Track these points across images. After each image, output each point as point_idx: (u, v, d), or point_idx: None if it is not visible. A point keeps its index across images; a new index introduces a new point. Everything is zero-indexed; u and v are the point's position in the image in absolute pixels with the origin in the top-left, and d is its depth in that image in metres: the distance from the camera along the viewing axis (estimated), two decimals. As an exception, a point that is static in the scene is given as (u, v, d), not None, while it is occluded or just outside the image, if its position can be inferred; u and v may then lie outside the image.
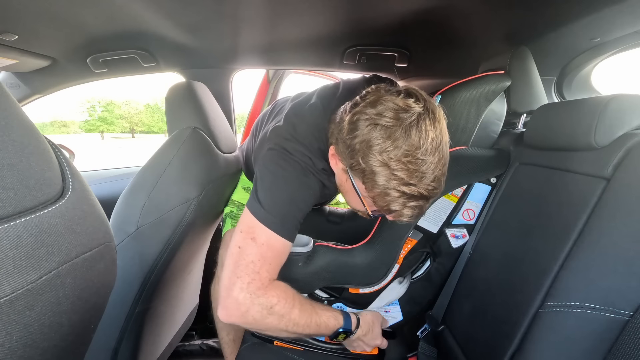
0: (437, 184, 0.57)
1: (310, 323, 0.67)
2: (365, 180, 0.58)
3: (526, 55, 0.82)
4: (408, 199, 0.57)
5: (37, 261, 0.29)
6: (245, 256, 0.63)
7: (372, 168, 0.56)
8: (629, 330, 0.42)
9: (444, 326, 0.78)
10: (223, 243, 0.95)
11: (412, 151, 0.54)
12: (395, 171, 0.55)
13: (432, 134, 0.55)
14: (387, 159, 0.55)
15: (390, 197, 0.57)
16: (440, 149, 0.57)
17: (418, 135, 0.54)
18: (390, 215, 0.61)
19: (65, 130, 62.58)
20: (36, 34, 0.86)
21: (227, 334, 0.93)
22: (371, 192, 0.59)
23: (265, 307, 0.63)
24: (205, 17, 0.83)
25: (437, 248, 0.82)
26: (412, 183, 0.55)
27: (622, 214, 0.47)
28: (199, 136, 0.84)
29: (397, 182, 0.55)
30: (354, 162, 0.59)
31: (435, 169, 0.56)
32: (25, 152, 0.29)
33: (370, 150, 0.56)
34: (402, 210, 0.58)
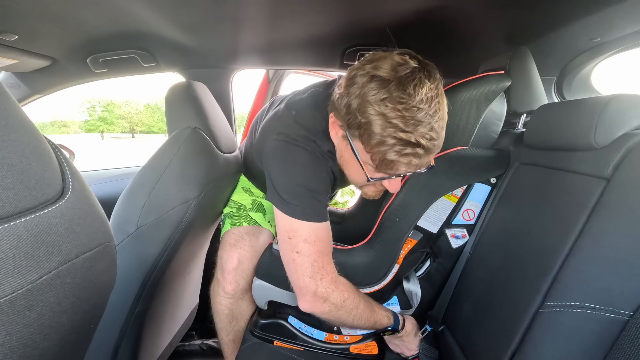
0: (435, 134, 0.57)
1: (370, 319, 0.73)
2: (361, 134, 0.59)
3: (526, 55, 0.82)
4: (404, 146, 0.56)
5: (37, 261, 0.29)
6: (307, 258, 0.67)
7: (368, 119, 0.57)
8: (629, 330, 0.42)
9: (444, 326, 0.78)
10: (222, 243, 0.94)
11: (407, 99, 0.55)
12: (390, 119, 0.55)
13: (427, 86, 0.56)
14: (382, 108, 0.55)
15: (386, 145, 0.57)
16: (437, 102, 0.58)
17: (413, 85, 0.55)
18: (389, 169, 0.61)
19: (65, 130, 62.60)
20: (36, 34, 0.86)
21: (227, 335, 0.93)
22: (368, 147, 0.59)
23: (338, 300, 0.69)
24: (205, 17, 0.83)
25: (437, 248, 0.82)
26: (407, 130, 0.55)
27: (622, 214, 0.47)
28: (199, 136, 0.84)
29: (392, 130, 0.56)
30: (351, 117, 0.59)
31: (431, 119, 0.56)
32: (25, 152, 0.29)
33: (367, 101, 0.56)
34: (398, 160, 0.58)
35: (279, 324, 0.83)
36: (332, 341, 0.83)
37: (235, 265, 0.89)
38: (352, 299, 0.71)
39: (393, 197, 0.79)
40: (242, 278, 0.89)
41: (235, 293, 0.89)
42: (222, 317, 0.92)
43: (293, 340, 0.82)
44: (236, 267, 0.89)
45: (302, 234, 0.68)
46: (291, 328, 0.83)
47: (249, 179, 1.05)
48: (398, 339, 0.81)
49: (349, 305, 0.70)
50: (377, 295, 0.84)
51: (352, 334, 0.83)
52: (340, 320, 0.72)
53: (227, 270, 0.89)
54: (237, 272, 0.89)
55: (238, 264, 0.89)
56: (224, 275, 0.89)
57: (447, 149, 0.79)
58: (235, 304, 0.91)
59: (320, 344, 0.83)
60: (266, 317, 0.84)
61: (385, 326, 0.76)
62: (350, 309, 0.70)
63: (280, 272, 0.79)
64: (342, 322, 0.73)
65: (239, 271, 0.89)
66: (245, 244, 0.91)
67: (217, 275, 0.92)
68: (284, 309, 0.84)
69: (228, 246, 0.92)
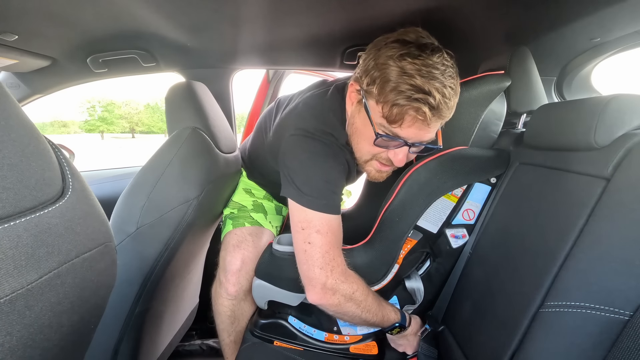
0: (448, 94, 0.60)
1: (378, 313, 0.73)
2: (377, 86, 0.61)
3: (526, 55, 0.82)
4: (415, 92, 0.58)
5: (37, 261, 0.29)
6: (319, 249, 0.68)
7: (387, 69, 0.60)
8: (629, 330, 0.42)
9: (444, 326, 0.78)
10: (224, 245, 0.94)
11: (425, 57, 0.59)
12: (407, 70, 0.59)
13: (444, 57, 0.61)
14: (401, 62, 0.59)
15: (399, 91, 0.59)
16: (452, 73, 0.61)
17: (431, 49, 0.60)
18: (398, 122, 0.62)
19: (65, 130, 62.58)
20: (36, 34, 0.86)
21: (228, 336, 0.93)
22: (381, 97, 0.61)
23: (347, 293, 0.70)
24: (206, 18, 0.83)
25: (437, 248, 0.82)
26: (422, 80, 0.58)
27: (622, 214, 0.47)
28: (199, 136, 0.84)
29: (407, 77, 0.58)
30: (369, 74, 0.63)
31: (445, 81, 0.60)
32: (25, 152, 0.29)
33: (387, 56, 0.60)
34: (408, 105, 0.59)
35: (279, 324, 0.83)
36: (332, 341, 0.83)
37: (239, 266, 0.89)
38: (361, 292, 0.71)
39: (393, 197, 0.79)
40: (245, 279, 0.89)
41: (237, 295, 0.89)
42: (224, 318, 0.92)
43: (293, 340, 0.83)
44: (239, 269, 0.89)
45: (315, 224, 0.68)
46: (291, 328, 0.83)
47: (253, 179, 1.05)
48: (403, 338, 0.80)
49: (358, 298, 0.70)
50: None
51: (351, 333, 0.83)
52: (348, 314, 0.71)
53: (230, 271, 0.89)
54: (241, 274, 0.89)
55: (242, 266, 0.89)
56: (227, 276, 0.89)
57: (447, 148, 0.79)
58: (237, 305, 0.91)
59: (320, 344, 0.83)
60: (266, 317, 0.84)
61: (393, 322, 0.75)
62: (359, 302, 0.71)
63: (280, 272, 0.79)
64: (351, 316, 0.72)
65: (242, 273, 0.89)
66: (248, 245, 0.92)
67: (220, 277, 0.92)
68: (283, 309, 0.84)
69: (231, 247, 0.91)
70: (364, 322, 0.74)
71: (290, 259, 0.78)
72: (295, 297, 0.80)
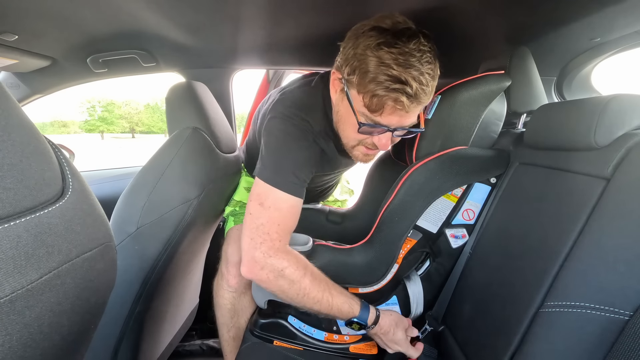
0: (425, 81, 0.62)
1: (321, 300, 0.69)
2: (357, 76, 0.63)
3: (526, 55, 0.82)
4: (393, 82, 0.60)
5: (37, 261, 0.29)
6: (255, 220, 0.69)
7: (365, 60, 0.61)
8: (629, 330, 0.42)
9: (444, 326, 0.78)
10: (227, 239, 0.97)
11: (402, 45, 0.60)
12: (384, 60, 0.60)
13: (421, 42, 0.61)
14: (378, 51, 0.60)
15: (376, 82, 0.61)
16: (430, 57, 0.62)
17: (408, 35, 0.61)
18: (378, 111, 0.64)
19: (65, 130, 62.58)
20: (36, 34, 0.86)
21: (228, 331, 0.94)
22: (361, 87, 0.63)
23: (276, 268, 0.67)
24: (205, 17, 0.83)
25: (437, 248, 0.82)
26: (399, 70, 0.60)
27: (622, 214, 0.47)
28: (199, 136, 0.84)
29: (384, 68, 0.60)
30: (350, 64, 0.64)
31: (422, 67, 0.61)
32: (25, 152, 0.29)
33: (365, 46, 0.62)
34: (387, 95, 0.61)
35: (278, 324, 0.83)
36: (331, 341, 0.83)
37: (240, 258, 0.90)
38: (293, 270, 0.67)
39: (392, 197, 0.79)
40: None
41: (238, 287, 0.91)
42: (224, 311, 0.93)
43: (293, 340, 0.83)
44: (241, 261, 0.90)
45: (262, 197, 0.70)
46: (291, 327, 0.83)
47: (252, 175, 1.06)
48: (377, 337, 0.75)
49: (289, 276, 0.67)
50: (376, 295, 0.84)
51: (351, 333, 0.84)
52: (285, 294, 0.68)
53: (232, 263, 0.91)
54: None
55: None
56: (229, 268, 0.91)
57: (447, 148, 0.79)
58: (238, 298, 0.92)
59: (320, 344, 0.83)
60: (266, 316, 0.85)
61: (348, 315, 0.71)
62: (291, 281, 0.67)
63: None
64: (289, 297, 0.69)
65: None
66: None
67: (222, 269, 0.94)
68: (283, 309, 0.84)
69: (232, 241, 0.94)
70: (308, 308, 0.71)
71: None
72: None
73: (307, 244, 0.79)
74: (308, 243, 0.80)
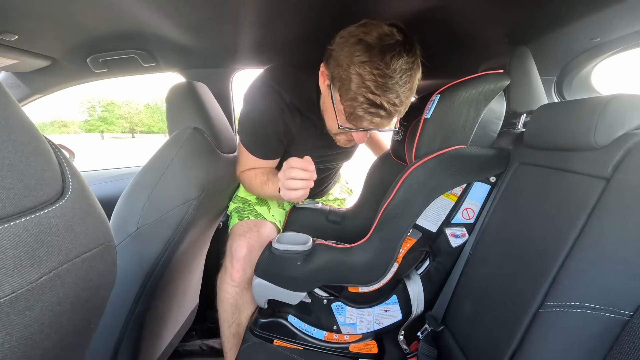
0: (399, 101, 0.70)
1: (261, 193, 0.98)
2: (340, 87, 0.71)
3: (526, 55, 0.82)
4: (370, 106, 0.69)
5: (37, 261, 0.29)
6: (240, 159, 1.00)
7: (348, 76, 0.68)
8: (629, 330, 0.42)
9: (444, 326, 0.78)
10: (232, 235, 0.99)
11: (384, 67, 0.66)
12: (365, 80, 0.67)
13: (404, 59, 0.67)
14: (361, 69, 0.66)
15: (356, 102, 0.69)
16: (409, 75, 0.69)
17: (391, 55, 0.66)
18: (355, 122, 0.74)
19: (65, 130, 62.57)
20: (36, 34, 0.86)
21: (228, 327, 0.94)
22: (343, 99, 0.72)
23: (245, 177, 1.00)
24: (205, 17, 0.83)
25: (437, 247, 0.82)
26: (377, 93, 0.67)
27: (622, 214, 0.47)
28: (199, 136, 0.84)
29: (364, 90, 0.67)
30: (336, 71, 0.71)
31: (400, 88, 0.68)
32: (25, 152, 0.29)
33: (351, 61, 0.67)
34: (363, 116, 0.71)
35: (278, 323, 0.84)
36: (331, 340, 0.83)
37: (245, 253, 0.93)
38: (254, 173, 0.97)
39: (392, 196, 0.79)
40: (249, 267, 0.92)
41: (241, 282, 0.92)
42: (226, 306, 0.93)
43: (293, 339, 0.83)
44: (245, 256, 0.93)
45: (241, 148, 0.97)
46: (291, 327, 0.83)
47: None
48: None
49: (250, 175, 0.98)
50: (376, 294, 0.84)
51: (351, 332, 0.84)
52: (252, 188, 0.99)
53: (236, 258, 0.92)
54: (246, 261, 0.92)
55: (247, 253, 0.93)
56: (233, 263, 0.92)
57: (446, 147, 0.79)
58: (240, 293, 0.93)
59: (320, 343, 0.83)
60: (266, 316, 0.85)
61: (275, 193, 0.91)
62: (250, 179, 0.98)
63: (279, 271, 0.79)
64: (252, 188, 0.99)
65: (247, 260, 0.92)
66: (253, 234, 0.97)
67: (226, 264, 0.95)
68: (283, 308, 0.85)
69: (237, 237, 0.96)
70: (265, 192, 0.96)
71: (290, 258, 0.78)
72: (294, 295, 0.80)
73: (307, 243, 0.80)
74: (308, 242, 0.80)
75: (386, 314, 0.84)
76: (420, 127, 0.83)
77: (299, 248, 0.78)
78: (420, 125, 0.83)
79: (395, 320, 0.84)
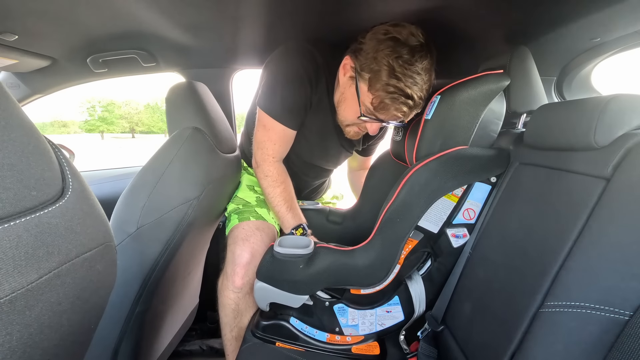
0: (422, 95, 0.77)
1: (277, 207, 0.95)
2: (370, 78, 0.76)
3: (526, 55, 0.82)
4: (400, 95, 0.75)
5: (37, 261, 0.29)
6: (257, 137, 0.95)
7: (380, 67, 0.74)
8: (629, 330, 0.42)
9: (444, 326, 0.78)
10: (233, 238, 0.95)
11: (413, 63, 0.73)
12: (396, 72, 0.73)
13: (427, 61, 0.75)
14: (393, 62, 0.72)
15: (387, 91, 0.74)
16: (429, 75, 0.77)
17: (420, 55, 0.74)
18: (380, 112, 0.79)
19: (65, 130, 62.58)
20: (36, 34, 0.86)
21: (230, 331, 0.94)
22: (373, 89, 0.76)
23: (264, 172, 0.95)
24: (206, 17, 0.83)
25: (438, 248, 0.82)
26: (407, 85, 0.74)
27: (622, 214, 0.47)
28: (199, 136, 0.84)
29: (395, 81, 0.73)
30: (366, 62, 0.76)
31: (423, 85, 0.76)
32: (25, 152, 0.29)
33: (384, 53, 0.73)
34: (391, 104, 0.76)
35: (280, 325, 0.83)
36: (334, 342, 0.83)
37: (248, 259, 0.91)
38: (274, 179, 0.94)
39: (394, 198, 0.79)
40: (252, 272, 0.90)
41: (243, 287, 0.90)
42: (228, 311, 0.92)
43: (295, 342, 0.82)
44: (249, 262, 0.90)
45: (264, 121, 0.92)
46: (293, 329, 0.83)
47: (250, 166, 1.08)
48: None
49: (269, 181, 0.95)
50: (378, 296, 0.84)
51: (353, 334, 0.84)
52: (263, 187, 0.97)
53: (239, 264, 0.90)
54: (249, 267, 0.90)
55: (251, 259, 0.91)
56: (235, 269, 0.90)
57: (447, 148, 0.79)
58: (242, 298, 0.92)
59: (322, 345, 0.82)
60: (267, 318, 0.84)
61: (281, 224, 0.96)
62: (269, 184, 0.95)
63: (281, 274, 0.79)
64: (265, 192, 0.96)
65: (250, 266, 0.90)
66: (257, 238, 0.94)
67: (227, 270, 0.93)
68: (285, 310, 0.84)
69: (240, 241, 0.93)
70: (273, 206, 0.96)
71: (291, 261, 0.78)
72: (296, 299, 0.80)
73: (309, 246, 0.79)
74: (310, 246, 0.79)
75: (388, 315, 0.84)
76: (420, 128, 0.83)
77: (301, 251, 0.78)
78: (421, 127, 0.83)
79: (397, 321, 0.84)
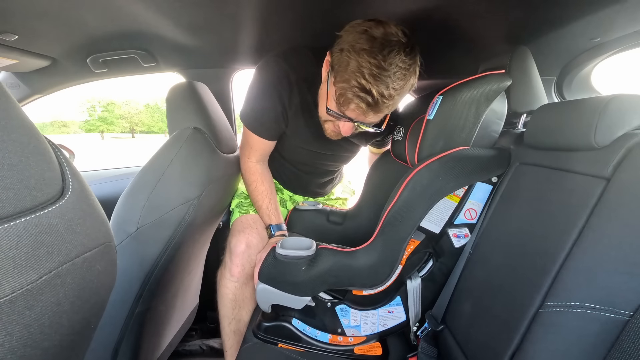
0: (388, 95, 0.71)
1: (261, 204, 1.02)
2: (338, 69, 0.73)
3: (526, 55, 0.82)
4: (360, 90, 0.70)
5: (37, 261, 0.29)
6: (241, 139, 1.03)
7: (348, 60, 0.71)
8: (629, 330, 0.42)
9: (444, 326, 0.78)
10: (232, 231, 1.00)
11: (380, 59, 0.68)
12: (361, 67, 0.69)
13: (400, 58, 0.69)
14: (360, 57, 0.69)
15: (349, 84, 0.71)
16: (403, 75, 0.71)
17: (389, 50, 0.68)
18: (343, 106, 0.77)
19: (65, 130, 62.60)
20: (36, 34, 0.86)
21: (229, 324, 0.94)
22: (336, 80, 0.74)
23: (246, 169, 1.04)
24: (205, 17, 0.83)
25: (440, 248, 0.81)
26: (369, 80, 0.69)
27: (622, 214, 0.47)
28: (199, 136, 0.84)
29: (359, 75, 0.69)
30: (337, 55, 0.74)
31: (390, 83, 0.70)
32: (25, 152, 0.29)
33: (353, 47, 0.70)
34: (351, 99, 0.73)
35: (282, 326, 0.83)
36: (336, 343, 0.83)
37: (243, 249, 0.94)
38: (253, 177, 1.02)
39: (396, 199, 0.79)
40: (247, 263, 0.94)
41: (240, 277, 0.93)
42: (226, 302, 0.94)
43: (297, 343, 0.82)
44: (244, 251, 0.94)
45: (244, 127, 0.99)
46: (295, 330, 0.83)
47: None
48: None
49: (250, 177, 1.03)
50: (380, 296, 0.84)
51: (355, 335, 0.83)
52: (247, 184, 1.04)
53: (235, 253, 0.94)
54: (244, 257, 0.94)
55: (246, 248, 0.94)
56: (232, 258, 0.94)
57: (449, 149, 0.79)
58: (240, 288, 0.94)
59: (324, 346, 0.82)
60: (270, 319, 0.84)
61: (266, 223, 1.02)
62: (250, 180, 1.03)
63: (283, 276, 0.78)
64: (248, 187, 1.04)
65: (245, 255, 0.94)
66: (252, 230, 0.98)
67: (226, 259, 0.97)
68: (287, 311, 0.84)
69: (236, 232, 0.98)
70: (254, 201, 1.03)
71: (293, 263, 0.78)
72: (299, 300, 0.80)
73: (311, 248, 0.79)
74: (312, 247, 0.79)
75: (390, 316, 0.84)
76: (422, 128, 0.83)
77: (303, 253, 0.78)
78: (423, 127, 0.83)
79: (399, 321, 0.84)
